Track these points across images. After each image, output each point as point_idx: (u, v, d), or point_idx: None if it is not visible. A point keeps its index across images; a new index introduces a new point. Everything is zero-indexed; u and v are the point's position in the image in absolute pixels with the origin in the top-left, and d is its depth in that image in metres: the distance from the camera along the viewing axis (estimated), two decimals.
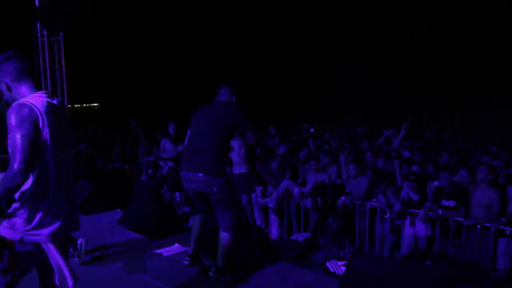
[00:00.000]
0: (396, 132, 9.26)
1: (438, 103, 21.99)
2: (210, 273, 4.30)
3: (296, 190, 7.14)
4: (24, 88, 2.72)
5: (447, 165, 7.20)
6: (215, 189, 4.22)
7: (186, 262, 4.55)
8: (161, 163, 9.54)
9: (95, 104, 39.37)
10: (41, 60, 9.19)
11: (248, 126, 4.30)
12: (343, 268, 5.09)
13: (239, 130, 4.41)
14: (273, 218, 7.39)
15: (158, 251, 5.34)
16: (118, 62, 26.18)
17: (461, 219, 5.78)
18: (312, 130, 12.98)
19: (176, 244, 5.49)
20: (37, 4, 8.74)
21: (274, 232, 7.41)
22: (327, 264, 5.32)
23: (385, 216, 6.53)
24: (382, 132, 10.14)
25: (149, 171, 8.39)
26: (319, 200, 6.88)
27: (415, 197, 6.29)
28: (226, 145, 4.34)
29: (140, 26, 25.48)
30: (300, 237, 6.44)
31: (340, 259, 5.49)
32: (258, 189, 7.81)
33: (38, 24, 8.99)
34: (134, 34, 25.07)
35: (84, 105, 37.25)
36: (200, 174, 4.20)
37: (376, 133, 12.04)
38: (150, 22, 25.42)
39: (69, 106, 9.78)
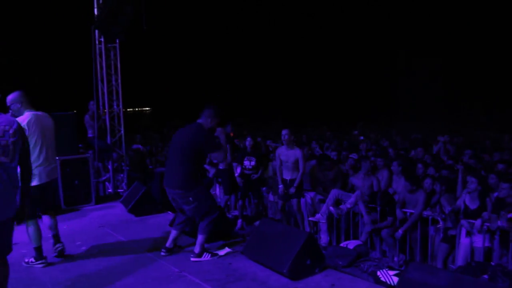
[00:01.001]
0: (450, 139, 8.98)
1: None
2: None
3: (343, 206, 7.07)
4: None
5: (506, 175, 6.89)
6: (190, 198, 4.97)
7: (162, 253, 5.37)
8: (207, 167, 9.67)
9: (147, 108, 40.43)
10: (98, 66, 9.54)
11: (209, 148, 4.93)
12: (395, 278, 4.98)
13: (204, 152, 5.01)
14: (322, 225, 7.33)
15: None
16: (169, 68, 26.79)
17: None
18: (361, 138, 12.81)
19: (226, 248, 5.55)
20: (96, 13, 9.11)
21: (323, 238, 7.34)
22: (378, 273, 5.21)
23: (438, 226, 6.33)
24: (437, 139, 9.83)
25: None
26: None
27: (472, 206, 6.05)
28: (194, 164, 4.98)
29: (191, 33, 25.98)
30: (350, 244, 6.35)
31: (391, 269, 5.36)
32: (308, 195, 7.78)
33: (96, 31, 9.34)
34: (185, 40, 25.57)
35: (136, 109, 38.31)
36: (177, 190, 5.01)
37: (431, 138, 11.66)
38: (201, 28, 25.87)
39: (123, 110, 10.07)
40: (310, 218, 7.45)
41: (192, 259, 5.16)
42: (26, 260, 5.16)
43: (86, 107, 10.03)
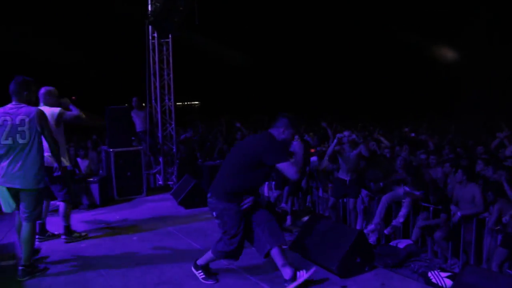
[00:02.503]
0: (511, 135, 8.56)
1: None
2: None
3: (396, 222, 6.92)
4: None
5: None
6: (214, 213, 4.21)
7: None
8: None
9: (196, 102, 41.00)
10: (151, 61, 9.76)
11: (276, 159, 3.98)
12: (447, 281, 4.83)
13: (265, 163, 4.05)
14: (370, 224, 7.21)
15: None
16: (218, 62, 27.05)
17: None
18: (413, 134, 12.45)
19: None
20: (149, 9, 9.32)
21: (371, 236, 7.22)
22: (429, 274, 5.06)
23: (496, 228, 6.08)
24: (496, 135, 9.36)
25: None
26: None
27: None
28: (247, 176, 4.10)
29: (240, 27, 26.09)
30: (400, 243, 6.21)
31: (443, 271, 5.20)
32: (362, 194, 7.68)
33: (150, 27, 9.57)
34: (233, 34, 25.73)
35: (186, 103, 38.92)
36: (209, 194, 4.25)
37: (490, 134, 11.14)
38: (251, 23, 25.91)
39: (174, 104, 10.27)
40: (365, 231, 7.22)
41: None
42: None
43: (130, 103, 10.38)
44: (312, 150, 9.42)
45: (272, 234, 4.18)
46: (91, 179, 8.02)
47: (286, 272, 4.18)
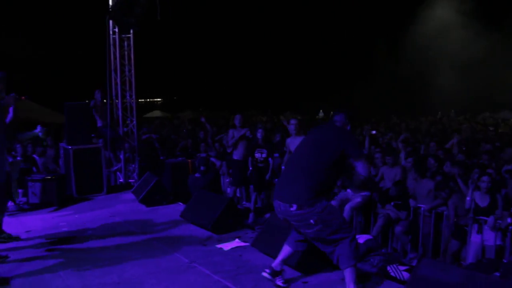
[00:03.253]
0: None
1: None
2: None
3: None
4: None
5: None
6: (311, 220, 3.77)
7: (264, 274, 4.21)
8: (213, 159, 9.67)
9: (158, 99, 40.53)
10: (112, 56, 9.57)
11: (356, 154, 3.85)
12: (405, 274, 4.96)
13: (349, 157, 3.87)
14: None
15: (219, 245, 5.44)
16: (182, 58, 26.82)
17: None
18: (374, 132, 12.69)
19: (237, 240, 5.57)
20: (110, 3, 9.12)
21: None
22: (388, 268, 5.19)
23: (451, 222, 6.30)
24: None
25: (202, 168, 8.49)
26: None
27: (482, 203, 6.00)
28: (325, 176, 3.82)
29: (203, 23, 25.95)
30: (360, 239, 6.32)
31: (402, 264, 5.34)
32: None
33: (111, 22, 9.37)
34: (198, 30, 25.56)
35: (148, 100, 38.41)
36: (293, 207, 3.78)
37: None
38: (214, 19, 25.82)
39: (135, 100, 10.10)
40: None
41: None
42: None
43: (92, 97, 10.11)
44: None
45: None
46: (48, 177, 7.79)
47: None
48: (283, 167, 8.04)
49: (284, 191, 3.90)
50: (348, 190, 6.99)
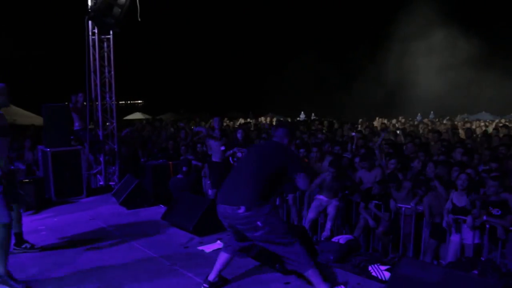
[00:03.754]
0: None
1: None
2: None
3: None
4: None
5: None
6: (258, 223, 3.89)
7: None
8: (194, 162, 9.64)
9: (139, 101, 40.23)
10: (91, 58, 9.45)
11: (294, 169, 4.01)
12: (386, 273, 4.99)
13: (288, 173, 4.05)
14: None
15: (200, 247, 5.42)
16: (163, 60, 26.70)
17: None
18: (353, 134, 12.79)
19: (218, 242, 5.55)
20: (89, 3, 9.02)
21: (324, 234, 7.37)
22: (369, 268, 5.21)
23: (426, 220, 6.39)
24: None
25: (184, 168, 8.46)
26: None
27: (460, 203, 6.09)
28: (270, 183, 4.02)
29: (186, 25, 25.87)
30: (342, 239, 6.36)
31: (383, 264, 5.37)
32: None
33: (90, 23, 9.26)
34: (180, 32, 25.46)
35: (129, 102, 38.10)
36: (241, 209, 3.88)
37: None
38: (195, 20, 25.76)
39: (115, 102, 10.00)
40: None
41: None
42: None
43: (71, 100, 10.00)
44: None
45: None
46: (26, 180, 7.64)
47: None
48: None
49: (231, 195, 3.98)
50: (321, 197, 7.01)
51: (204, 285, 4.18)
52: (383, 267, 5.08)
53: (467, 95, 24.17)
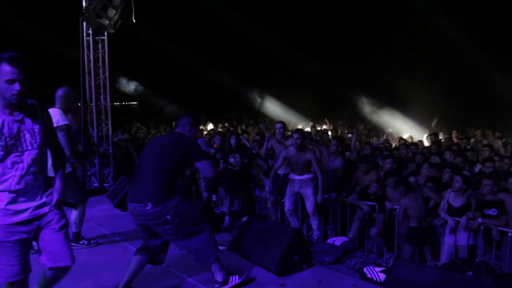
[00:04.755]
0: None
1: None
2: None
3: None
4: None
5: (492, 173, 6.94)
6: (168, 216, 3.95)
7: None
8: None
9: (134, 103, 40.13)
10: (86, 59, 9.42)
11: (196, 158, 4.12)
12: (381, 275, 5.00)
13: (190, 161, 4.17)
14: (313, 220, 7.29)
15: None
16: (158, 62, 26.64)
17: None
18: (349, 135, 12.83)
19: None
20: (83, 4, 8.99)
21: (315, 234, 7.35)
22: (365, 269, 5.22)
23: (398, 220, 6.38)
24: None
25: None
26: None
27: (456, 204, 6.10)
28: (172, 175, 4.12)
29: (182, 26, 25.85)
30: (337, 241, 6.36)
31: (378, 265, 5.39)
32: None
33: (84, 23, 9.22)
34: (175, 34, 25.45)
35: (124, 103, 38.00)
36: (148, 206, 3.93)
37: None
38: (193, 22, 25.73)
39: (110, 104, 9.97)
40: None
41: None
42: None
43: None
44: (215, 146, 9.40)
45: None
46: None
47: (218, 275, 4.23)
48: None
49: (137, 192, 4.03)
50: (291, 175, 6.94)
51: None
52: (378, 269, 5.10)
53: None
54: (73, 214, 5.56)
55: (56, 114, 5.00)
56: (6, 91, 2.88)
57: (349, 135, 10.50)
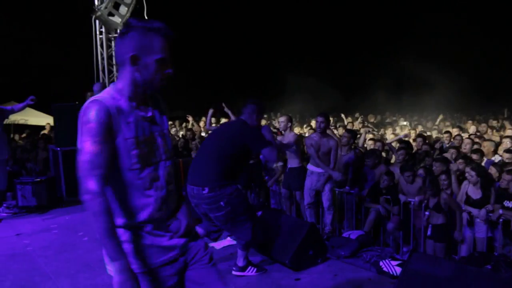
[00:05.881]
0: None
1: None
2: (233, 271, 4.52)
3: None
4: None
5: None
6: (221, 203, 4.11)
7: None
8: None
9: None
10: (99, 57, 9.50)
11: (257, 147, 4.22)
12: (398, 269, 4.96)
13: (252, 149, 4.32)
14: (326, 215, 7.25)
15: (211, 244, 5.41)
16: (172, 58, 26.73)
17: None
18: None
19: (228, 238, 5.55)
20: (96, 3, 9.05)
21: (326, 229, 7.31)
22: (381, 263, 5.18)
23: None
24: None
25: None
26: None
27: (475, 196, 6.01)
28: (232, 162, 4.22)
29: (194, 23, 25.88)
30: (352, 234, 6.32)
31: (394, 259, 5.34)
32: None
33: (97, 22, 9.29)
34: (187, 30, 25.49)
35: None
36: (205, 189, 4.11)
37: None
38: (205, 19, 25.76)
39: None
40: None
41: (234, 272, 4.52)
42: None
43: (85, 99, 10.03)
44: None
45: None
46: (38, 180, 7.70)
47: (240, 261, 4.48)
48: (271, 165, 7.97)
49: (196, 176, 4.20)
50: (311, 166, 6.84)
51: None
52: (394, 262, 5.06)
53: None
54: None
55: None
56: (155, 74, 2.04)
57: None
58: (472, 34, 20.67)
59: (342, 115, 15.69)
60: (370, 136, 9.86)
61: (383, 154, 8.38)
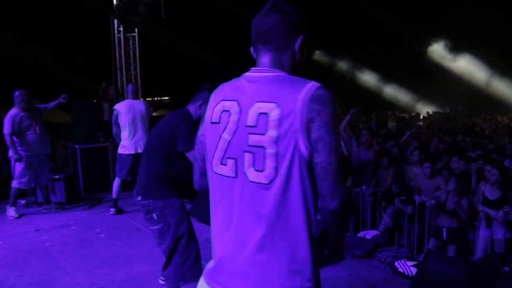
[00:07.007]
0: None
1: None
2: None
3: None
4: None
5: None
6: (154, 215, 3.24)
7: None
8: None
9: (166, 98, 40.57)
10: (117, 55, 9.61)
11: (182, 146, 3.13)
12: (413, 269, 4.93)
13: (177, 147, 3.19)
14: None
15: None
16: (188, 57, 26.85)
17: None
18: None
19: None
20: (114, 2, 9.16)
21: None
22: (396, 263, 5.15)
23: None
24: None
25: None
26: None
27: (492, 196, 5.92)
28: (167, 164, 3.23)
29: (212, 21, 25.96)
30: (368, 234, 6.29)
31: (410, 259, 5.30)
32: None
33: (116, 21, 9.40)
34: (205, 28, 25.59)
35: (156, 98, 38.48)
36: (138, 197, 3.31)
37: None
38: (222, 17, 25.79)
39: (142, 99, 10.12)
40: None
41: None
42: None
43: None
44: None
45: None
46: (57, 177, 7.82)
47: None
48: None
49: (138, 181, 3.40)
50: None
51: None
52: (409, 263, 5.02)
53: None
54: None
55: None
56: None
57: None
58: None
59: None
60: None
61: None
